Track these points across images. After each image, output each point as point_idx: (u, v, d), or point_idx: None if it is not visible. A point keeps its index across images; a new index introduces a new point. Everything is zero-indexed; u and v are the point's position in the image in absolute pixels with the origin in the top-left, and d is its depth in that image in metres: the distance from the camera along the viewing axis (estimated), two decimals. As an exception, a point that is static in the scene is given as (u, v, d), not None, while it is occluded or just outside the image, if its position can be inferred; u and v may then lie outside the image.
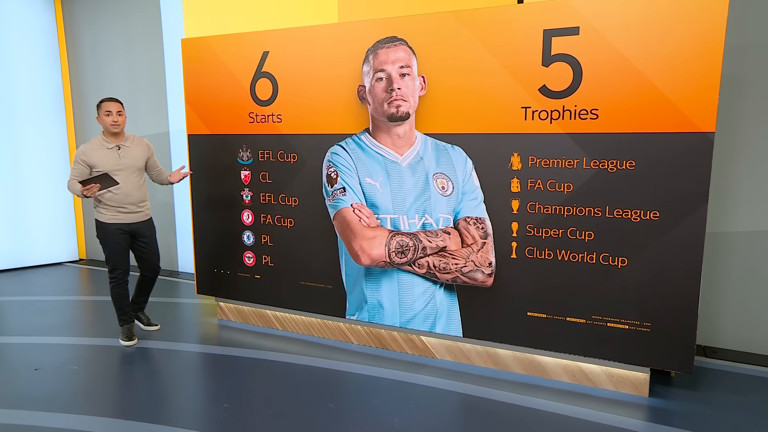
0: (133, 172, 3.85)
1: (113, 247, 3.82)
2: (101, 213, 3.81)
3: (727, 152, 3.68)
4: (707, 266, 3.71)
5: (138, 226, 3.90)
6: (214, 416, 2.95)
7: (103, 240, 3.83)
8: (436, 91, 3.42)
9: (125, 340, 3.94)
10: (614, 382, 3.23)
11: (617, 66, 2.95)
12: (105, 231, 3.81)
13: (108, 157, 3.75)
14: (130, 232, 3.87)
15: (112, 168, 3.73)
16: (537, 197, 3.23)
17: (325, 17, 4.34)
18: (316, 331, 4.14)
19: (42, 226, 6.45)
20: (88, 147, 3.76)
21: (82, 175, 3.70)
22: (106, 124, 3.75)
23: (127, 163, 3.80)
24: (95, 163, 3.72)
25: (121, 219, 3.81)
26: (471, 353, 3.61)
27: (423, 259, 3.56)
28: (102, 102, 3.76)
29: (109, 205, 3.78)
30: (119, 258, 3.84)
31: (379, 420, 2.90)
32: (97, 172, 3.70)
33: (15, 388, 3.27)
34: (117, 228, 3.80)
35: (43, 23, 6.32)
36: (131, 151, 3.85)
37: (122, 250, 3.85)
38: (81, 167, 3.73)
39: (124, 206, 3.81)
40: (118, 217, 3.81)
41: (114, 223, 3.80)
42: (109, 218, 3.80)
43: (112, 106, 3.76)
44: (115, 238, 3.81)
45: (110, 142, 3.79)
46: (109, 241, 3.81)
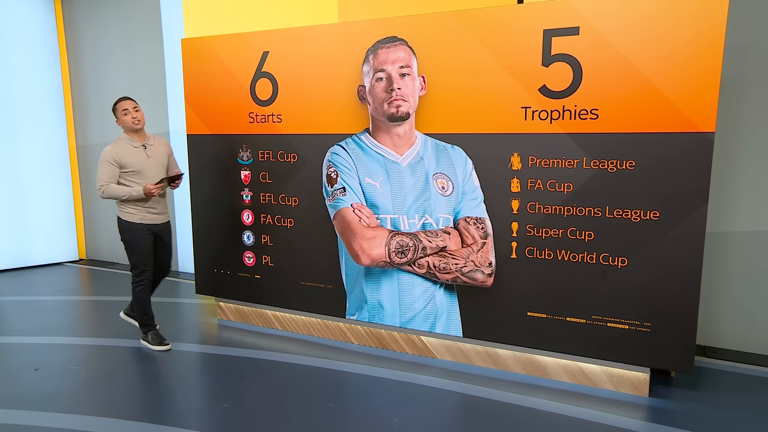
0: (161, 170, 3.81)
1: (143, 247, 3.74)
2: (130, 213, 3.70)
3: (727, 152, 3.68)
4: (707, 266, 3.71)
5: (163, 227, 3.85)
6: (214, 416, 2.95)
7: (131, 241, 3.74)
8: (436, 91, 3.42)
9: (157, 344, 3.87)
10: (614, 382, 3.23)
11: (617, 66, 2.95)
12: (134, 231, 3.72)
13: (138, 157, 3.68)
14: (156, 233, 3.82)
15: (143, 167, 3.68)
16: (537, 197, 3.23)
17: (325, 17, 4.34)
18: (316, 331, 4.14)
19: (42, 226, 6.45)
20: (118, 147, 3.66)
21: (113, 177, 3.62)
22: (128, 123, 3.68)
23: (154, 162, 3.76)
24: (126, 163, 3.64)
25: (150, 220, 3.75)
26: (471, 353, 3.61)
27: (423, 259, 3.56)
28: (116, 103, 3.70)
29: (139, 206, 3.70)
30: (148, 259, 3.79)
31: (379, 420, 2.90)
32: (127, 172, 3.64)
33: (15, 388, 3.27)
34: (147, 228, 3.75)
35: (43, 23, 6.32)
36: (156, 149, 3.80)
37: (150, 250, 3.80)
38: (112, 168, 3.62)
39: (154, 207, 3.76)
40: (147, 218, 3.74)
41: (144, 224, 3.73)
42: (139, 219, 3.71)
43: (128, 104, 3.69)
44: (144, 239, 3.74)
45: (135, 141, 3.72)
46: (137, 242, 3.73)
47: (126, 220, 3.72)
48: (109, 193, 3.61)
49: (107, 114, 6.43)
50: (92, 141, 6.61)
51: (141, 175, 3.68)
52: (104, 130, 6.49)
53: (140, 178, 3.68)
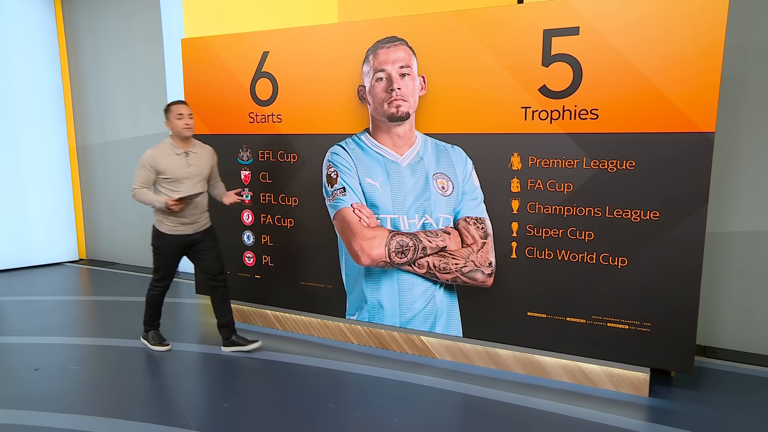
0: (199, 181, 3.62)
1: (168, 258, 3.66)
2: (162, 223, 3.59)
3: (727, 152, 3.68)
4: (707, 266, 3.71)
5: (197, 236, 3.67)
6: (214, 416, 2.95)
7: (159, 249, 3.65)
8: (436, 91, 3.42)
9: (157, 344, 3.82)
10: (614, 382, 3.23)
11: (617, 66, 2.95)
12: (163, 241, 3.62)
13: (177, 164, 3.52)
14: (189, 243, 3.66)
15: (180, 176, 3.52)
16: (537, 197, 3.23)
17: (325, 17, 4.34)
18: (316, 331, 4.14)
19: (42, 226, 6.45)
20: (157, 152, 3.52)
21: (147, 182, 3.51)
22: (179, 128, 3.52)
23: (194, 171, 3.58)
24: (164, 170, 3.49)
25: (181, 230, 3.60)
26: (471, 353, 3.61)
27: (423, 259, 3.56)
28: (172, 105, 3.55)
29: (171, 216, 3.55)
30: (171, 270, 3.72)
31: (379, 420, 2.90)
32: (164, 178, 3.51)
33: (15, 388, 3.27)
34: (177, 239, 3.61)
35: (43, 23, 6.32)
36: (199, 158, 3.62)
37: (176, 262, 3.72)
38: (148, 173, 3.50)
39: (187, 217, 3.58)
40: (179, 229, 3.59)
41: (174, 235, 3.60)
42: (170, 229, 3.58)
43: (184, 108, 3.54)
44: (172, 249, 3.63)
45: (179, 147, 3.56)
46: (165, 252, 3.64)
47: (157, 228, 3.62)
48: (138, 198, 3.52)
49: (107, 114, 6.43)
50: (92, 141, 6.61)
51: (177, 183, 3.52)
52: (104, 130, 6.49)
53: (176, 186, 3.52)
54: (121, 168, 6.44)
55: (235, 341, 3.81)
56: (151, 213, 6.28)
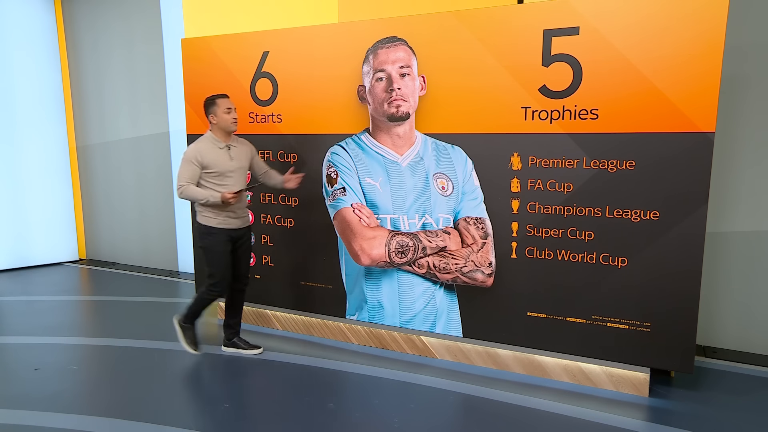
0: (243, 174, 3.56)
1: (221, 255, 3.50)
2: (209, 217, 3.46)
3: (727, 152, 3.68)
4: (707, 266, 3.71)
5: (242, 231, 3.60)
6: (214, 416, 2.95)
7: (210, 247, 3.50)
8: (436, 91, 3.42)
9: (189, 343, 3.65)
10: (614, 382, 3.23)
11: (617, 66, 2.95)
12: (213, 237, 3.48)
13: (221, 158, 3.44)
14: (236, 239, 3.57)
15: (225, 169, 3.45)
16: (537, 197, 3.23)
17: (325, 17, 4.34)
18: (316, 331, 4.14)
19: (42, 226, 6.45)
20: (202, 146, 3.44)
21: (194, 177, 3.40)
22: (227, 122, 3.44)
23: (237, 164, 3.51)
24: (209, 164, 3.41)
25: (230, 224, 3.50)
26: (471, 353, 3.61)
27: (423, 259, 3.56)
28: (217, 99, 3.44)
29: (222, 209, 3.45)
30: (227, 267, 3.54)
31: (379, 420, 2.90)
32: (209, 173, 3.42)
33: (15, 388, 3.27)
34: (226, 234, 3.50)
35: (43, 23, 6.32)
36: (239, 151, 3.55)
37: (229, 259, 3.55)
38: (194, 168, 3.39)
39: (234, 210, 3.50)
40: (228, 222, 3.49)
41: (223, 228, 3.48)
42: (219, 223, 3.46)
43: (230, 102, 3.47)
44: (223, 245, 3.50)
45: (221, 141, 3.48)
46: (216, 249, 3.49)
47: (204, 224, 3.48)
48: (187, 195, 3.38)
49: (107, 114, 6.43)
50: (92, 141, 6.61)
51: (223, 177, 3.44)
52: (104, 130, 6.49)
53: (222, 180, 3.45)
54: (121, 168, 6.44)
55: (237, 343, 3.80)
56: (150, 213, 6.24)
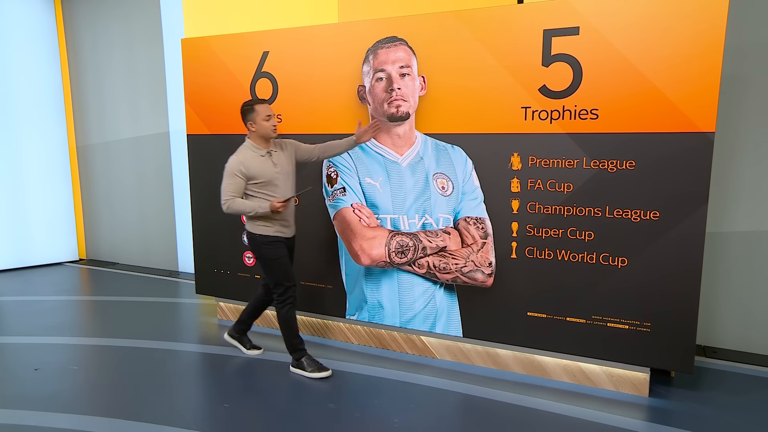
0: (289, 178, 3.41)
1: (283, 261, 3.39)
2: (265, 227, 3.34)
3: (727, 152, 3.68)
4: (707, 266, 3.71)
5: (292, 241, 3.52)
6: (214, 416, 2.95)
7: (270, 256, 3.37)
8: (436, 91, 3.42)
9: (317, 370, 3.41)
10: (614, 382, 3.23)
11: (617, 66, 2.95)
12: (272, 246, 3.36)
13: (265, 166, 3.29)
14: (289, 247, 3.49)
15: (271, 177, 3.30)
16: (537, 197, 3.23)
17: (325, 17, 4.34)
18: (317, 331, 4.14)
19: (42, 226, 6.46)
20: (243, 156, 3.29)
21: (239, 190, 3.26)
22: (267, 130, 3.29)
23: (282, 170, 3.35)
24: (254, 174, 3.26)
25: (284, 233, 3.41)
26: (471, 353, 3.61)
27: (423, 259, 3.56)
28: (257, 105, 3.29)
29: (274, 219, 3.34)
30: (290, 273, 3.44)
31: (379, 420, 2.90)
32: (256, 183, 3.28)
33: (15, 388, 3.27)
34: (282, 242, 3.40)
35: (43, 23, 6.32)
36: (281, 155, 3.39)
37: (290, 265, 3.48)
38: (239, 180, 3.25)
39: (287, 219, 3.40)
40: (282, 231, 3.39)
41: (279, 237, 3.38)
42: (274, 232, 3.35)
43: (270, 108, 3.33)
44: (283, 253, 3.40)
45: (261, 148, 3.33)
46: (278, 256, 3.38)
47: (261, 234, 3.35)
48: (235, 209, 3.25)
49: (107, 114, 6.43)
50: (92, 141, 6.61)
51: (271, 186, 3.30)
52: (104, 130, 6.49)
53: (270, 189, 3.30)
54: (121, 168, 6.45)
55: (240, 338, 3.81)
56: (150, 213, 6.25)
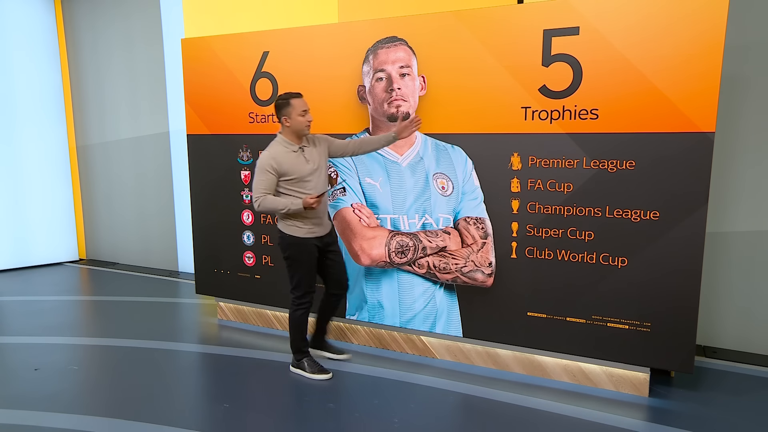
0: (322, 174, 3.29)
1: (309, 266, 3.31)
2: (297, 227, 3.23)
3: (727, 152, 3.68)
4: (707, 266, 3.70)
5: (328, 238, 3.38)
6: (214, 416, 2.95)
7: (298, 259, 3.28)
8: (436, 91, 3.42)
9: (317, 372, 3.38)
10: (614, 382, 3.23)
11: (617, 66, 2.95)
12: (302, 248, 3.26)
13: (297, 162, 3.18)
14: (323, 247, 3.36)
15: (304, 173, 3.19)
16: (537, 197, 3.23)
17: (325, 17, 4.34)
18: (316, 331, 4.14)
19: (42, 226, 6.46)
20: (275, 152, 3.17)
21: (271, 187, 3.16)
22: (301, 126, 3.17)
23: (314, 166, 3.24)
24: (286, 171, 3.15)
25: (316, 233, 3.28)
26: (471, 353, 3.61)
27: (423, 259, 3.56)
28: (291, 99, 3.16)
29: (306, 218, 3.22)
30: (313, 279, 3.36)
31: (379, 420, 2.90)
32: (288, 180, 3.18)
33: (15, 388, 3.27)
34: (313, 244, 3.28)
35: (43, 23, 6.32)
36: (313, 151, 3.27)
37: (315, 269, 3.37)
38: (270, 177, 3.15)
39: (320, 216, 3.28)
40: (314, 231, 3.26)
41: (311, 238, 3.26)
42: (306, 233, 3.24)
43: (305, 103, 3.18)
44: (311, 257, 3.30)
45: (293, 144, 3.21)
46: (305, 261, 3.29)
47: (290, 234, 3.25)
48: (266, 206, 3.14)
49: (107, 114, 6.43)
50: (92, 141, 6.61)
51: (302, 182, 3.19)
52: (104, 130, 6.49)
53: (302, 186, 3.19)
54: (121, 168, 6.45)
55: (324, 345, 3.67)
56: (150, 213, 6.24)
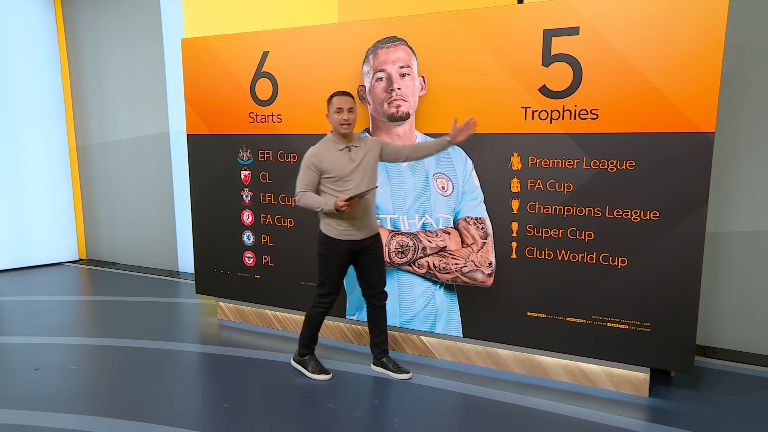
0: (366, 177, 3.19)
1: (337, 267, 3.26)
2: (331, 227, 3.21)
3: (727, 152, 3.68)
4: (707, 266, 3.71)
5: (368, 241, 3.28)
6: (214, 416, 2.95)
7: (327, 257, 3.26)
8: (436, 91, 3.42)
9: (319, 372, 3.38)
10: (614, 382, 3.23)
11: (617, 66, 2.95)
12: (333, 248, 3.23)
13: (339, 161, 3.15)
14: (359, 250, 3.27)
15: (344, 173, 3.14)
16: (537, 197, 3.23)
17: (325, 17, 4.34)
18: (316, 331, 4.14)
19: (42, 226, 6.45)
20: (319, 149, 3.19)
21: (312, 184, 3.18)
22: (335, 123, 3.15)
23: (360, 167, 3.17)
24: (327, 168, 3.14)
25: (351, 235, 3.20)
26: (471, 353, 3.61)
27: (423, 259, 3.56)
28: (333, 97, 3.17)
29: (341, 218, 3.18)
30: (339, 282, 3.32)
31: (379, 420, 2.90)
32: (328, 178, 3.17)
33: (15, 388, 3.27)
34: (346, 247, 3.22)
35: (43, 23, 6.32)
36: (361, 152, 3.20)
37: (344, 273, 3.33)
38: (312, 174, 3.16)
39: (358, 219, 3.20)
40: (349, 233, 3.20)
41: (344, 240, 3.21)
42: (339, 233, 3.20)
43: (344, 101, 3.12)
44: (342, 259, 3.25)
45: (340, 142, 3.19)
46: (334, 260, 3.25)
47: (325, 232, 3.25)
48: (304, 203, 3.16)
49: (107, 114, 6.43)
50: (92, 141, 6.61)
51: (342, 182, 3.14)
52: (104, 130, 6.49)
53: (341, 185, 3.15)
54: (121, 168, 6.45)
55: (386, 364, 3.48)
56: (150, 213, 6.26)
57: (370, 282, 3.37)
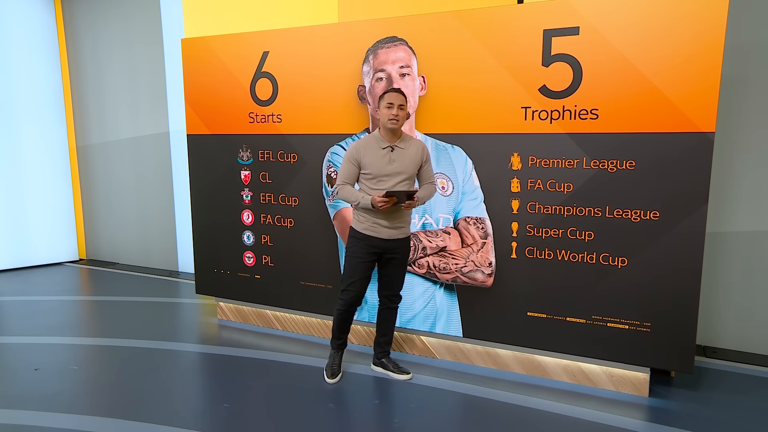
0: (403, 180, 3.13)
1: (357, 262, 3.21)
2: (358, 221, 3.20)
3: (727, 152, 3.68)
4: (707, 266, 3.71)
5: (394, 244, 3.20)
6: (214, 416, 2.95)
7: (351, 252, 3.24)
8: (436, 91, 3.42)
9: (330, 376, 3.36)
10: (614, 382, 3.23)
11: (617, 66, 2.95)
12: (356, 242, 3.22)
13: (378, 159, 3.10)
14: (382, 251, 3.20)
15: (380, 172, 3.10)
16: (537, 197, 3.23)
17: (325, 17, 4.34)
18: (316, 331, 4.14)
19: (42, 226, 6.46)
20: (362, 143, 3.15)
21: (351, 177, 3.15)
22: (384, 118, 3.09)
23: (396, 169, 3.11)
24: (365, 164, 3.11)
25: (378, 233, 3.15)
26: (471, 353, 3.61)
27: (423, 259, 3.56)
28: (386, 93, 3.10)
29: (369, 214, 3.15)
30: (358, 280, 3.22)
31: (379, 420, 2.90)
32: (365, 174, 3.14)
33: (15, 388, 3.27)
34: (370, 243, 3.18)
35: (43, 23, 6.32)
36: (403, 153, 3.13)
37: (363, 270, 3.22)
38: (352, 167, 3.14)
39: (387, 219, 3.14)
40: (375, 230, 3.15)
41: (368, 235, 3.17)
42: (365, 228, 3.17)
43: (396, 98, 3.06)
44: (363, 254, 3.19)
45: (385, 141, 3.14)
46: (355, 255, 3.21)
47: (352, 226, 3.25)
48: (342, 195, 3.16)
49: (107, 114, 6.43)
50: (92, 141, 6.61)
51: (377, 180, 3.11)
52: (104, 130, 6.49)
53: (375, 184, 3.11)
54: (121, 168, 6.45)
55: (386, 364, 3.49)
56: (150, 213, 6.27)
57: (388, 283, 3.35)
